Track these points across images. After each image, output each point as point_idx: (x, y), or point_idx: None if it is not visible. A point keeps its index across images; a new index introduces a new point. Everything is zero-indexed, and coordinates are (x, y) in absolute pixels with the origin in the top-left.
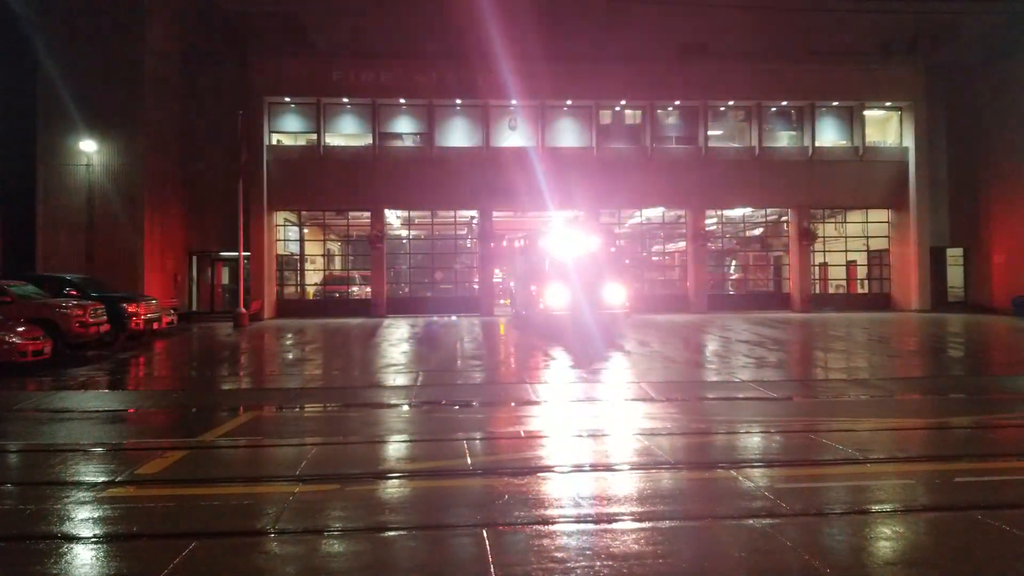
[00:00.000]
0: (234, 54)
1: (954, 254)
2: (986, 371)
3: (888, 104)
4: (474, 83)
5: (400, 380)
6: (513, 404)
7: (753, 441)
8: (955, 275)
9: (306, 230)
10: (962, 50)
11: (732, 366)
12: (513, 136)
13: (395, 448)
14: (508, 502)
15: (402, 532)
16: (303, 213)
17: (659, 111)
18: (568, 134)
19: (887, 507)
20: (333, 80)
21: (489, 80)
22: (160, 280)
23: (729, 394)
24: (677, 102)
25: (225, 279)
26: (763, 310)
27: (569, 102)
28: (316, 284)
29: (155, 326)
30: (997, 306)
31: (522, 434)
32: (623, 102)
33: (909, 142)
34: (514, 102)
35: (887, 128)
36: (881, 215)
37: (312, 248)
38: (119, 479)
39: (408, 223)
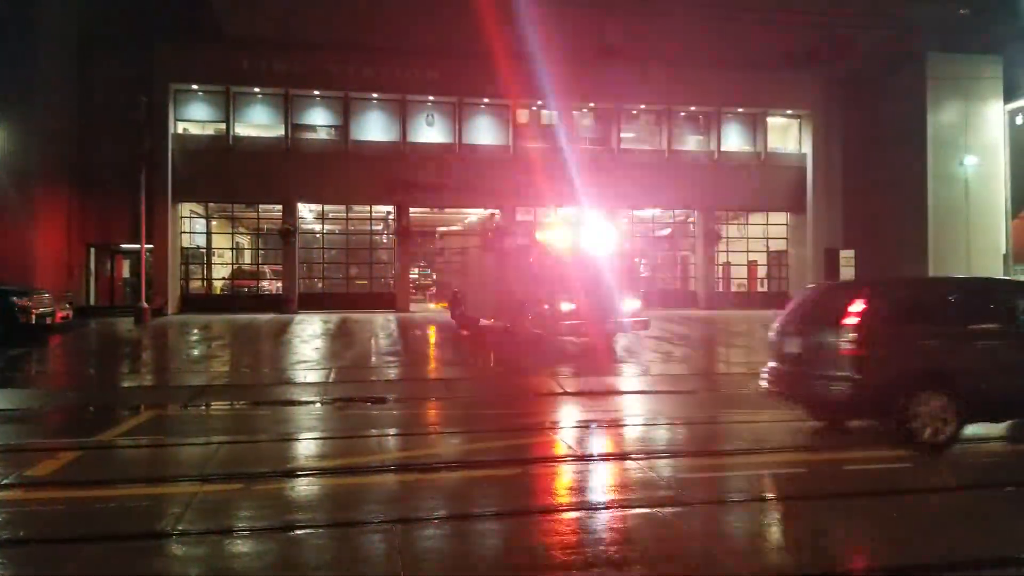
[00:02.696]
0: (138, 39)
1: (847, 255)
2: None
3: (789, 112)
4: (392, 77)
5: (312, 377)
6: (429, 400)
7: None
8: (847, 275)
9: (214, 222)
10: (858, 62)
11: (642, 361)
12: (431, 132)
13: (305, 446)
14: (420, 498)
15: (309, 531)
16: (211, 205)
17: (574, 112)
18: (486, 132)
19: (780, 494)
20: (244, 68)
21: (407, 75)
22: (55, 273)
23: (638, 388)
24: (592, 104)
25: (126, 272)
26: (671, 308)
27: (487, 100)
28: (224, 279)
29: (49, 321)
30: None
31: (437, 430)
32: (539, 102)
33: (807, 149)
34: (432, 98)
35: (787, 135)
36: (781, 218)
37: (220, 241)
38: (5, 482)
39: (322, 217)
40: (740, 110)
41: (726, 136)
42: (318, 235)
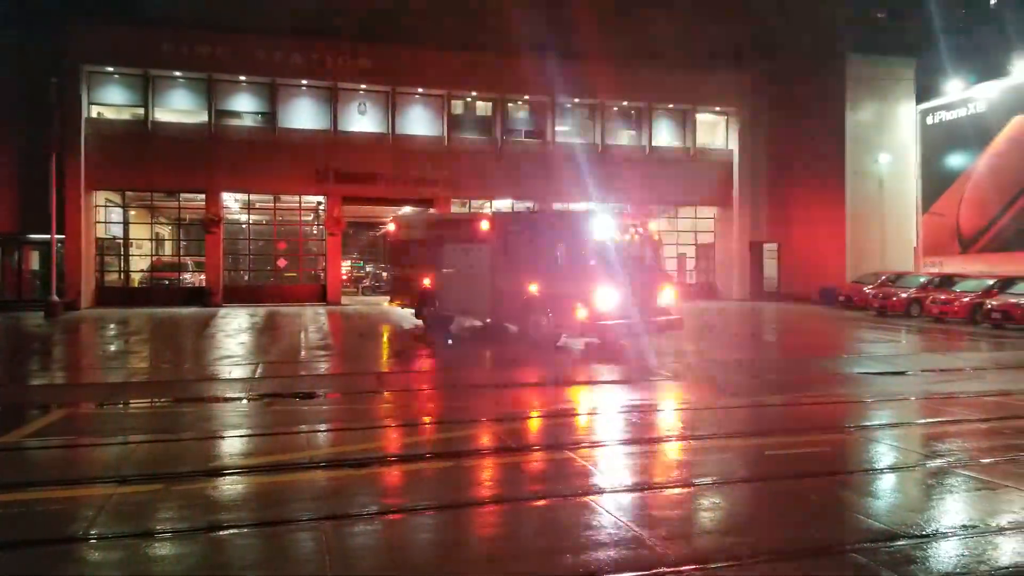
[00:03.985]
0: (48, 16)
1: (770, 248)
2: (798, 354)
3: (717, 109)
4: (323, 64)
5: (237, 373)
6: (360, 394)
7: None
8: (771, 267)
9: (132, 212)
10: (782, 63)
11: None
12: (363, 121)
13: (230, 444)
14: (350, 494)
15: (234, 531)
16: (128, 194)
17: (509, 104)
18: (420, 122)
19: (708, 479)
20: (164, 51)
21: (339, 62)
22: None
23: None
24: (526, 96)
25: (35, 264)
26: None
27: (420, 90)
28: (143, 271)
29: None
30: (806, 296)
31: (370, 425)
32: (474, 93)
33: (734, 145)
34: (364, 86)
35: (715, 131)
36: (709, 211)
37: (139, 232)
38: None
39: (248, 207)
40: (671, 106)
41: (657, 132)
42: (244, 225)
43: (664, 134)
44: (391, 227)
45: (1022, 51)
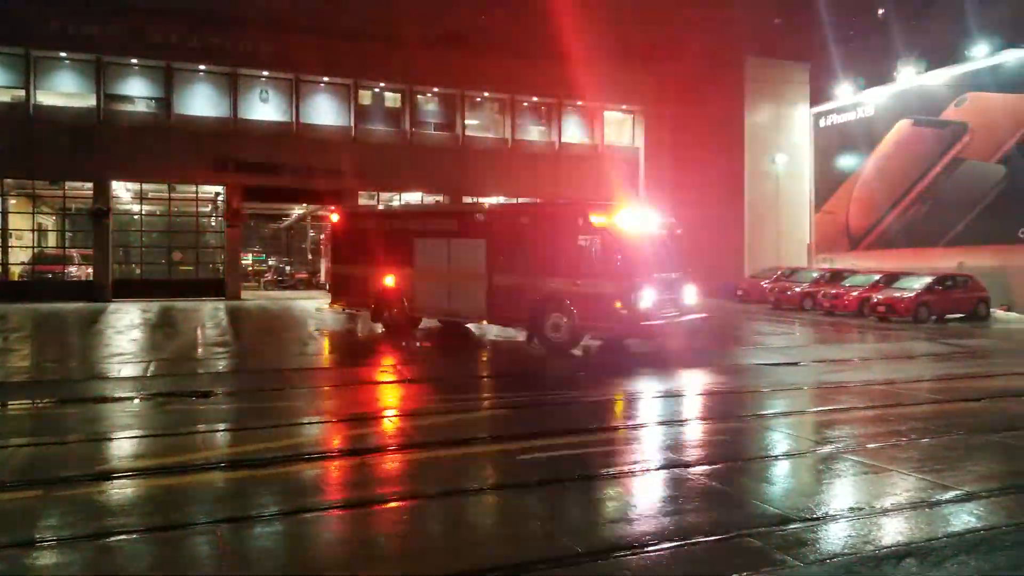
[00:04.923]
0: None
1: None
2: (697, 346)
3: (624, 107)
4: (221, 48)
5: (128, 371)
6: (262, 392)
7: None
8: None
9: (11, 201)
10: (686, 64)
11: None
12: (266, 109)
13: (119, 446)
14: (247, 495)
15: (122, 537)
16: (7, 181)
17: (419, 96)
18: (326, 112)
19: (612, 469)
20: (48, 30)
21: (239, 47)
22: None
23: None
24: (436, 89)
25: None
26: None
27: (327, 79)
28: (23, 263)
29: None
30: (707, 291)
31: (271, 424)
32: (382, 84)
33: (640, 143)
34: (266, 73)
35: (623, 129)
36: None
37: (18, 222)
38: None
39: (140, 197)
40: (580, 103)
41: (567, 128)
42: (136, 216)
43: (573, 130)
44: (335, 219)
45: (907, 59)
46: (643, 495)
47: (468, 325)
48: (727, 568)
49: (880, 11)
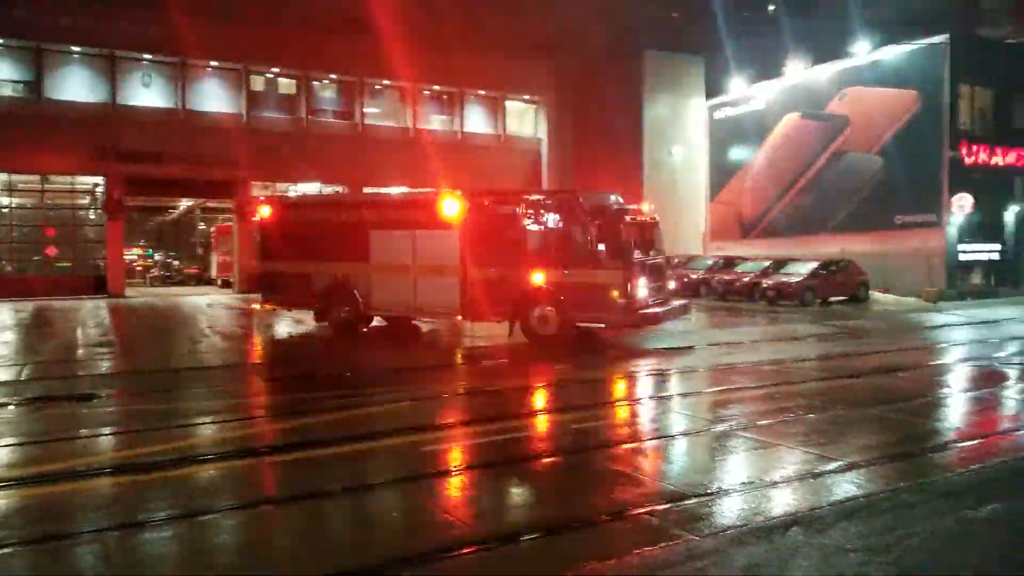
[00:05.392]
0: None
1: None
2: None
3: (526, 97)
4: (97, 29)
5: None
6: (144, 394)
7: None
8: None
9: None
10: (587, 55)
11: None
12: (149, 94)
13: None
14: (131, 501)
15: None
16: None
17: (315, 83)
18: (215, 98)
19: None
20: None
21: (118, 28)
22: None
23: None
24: (333, 75)
25: None
26: None
27: (215, 63)
28: None
29: None
30: None
31: (159, 425)
32: (276, 70)
33: (543, 133)
34: (149, 56)
35: (524, 119)
36: None
37: None
38: None
39: (9, 188)
40: (482, 92)
41: (469, 118)
42: (4, 209)
43: (476, 120)
44: (265, 211)
45: (795, 55)
46: (548, 479)
47: (415, 322)
48: (628, 545)
49: (770, 7)
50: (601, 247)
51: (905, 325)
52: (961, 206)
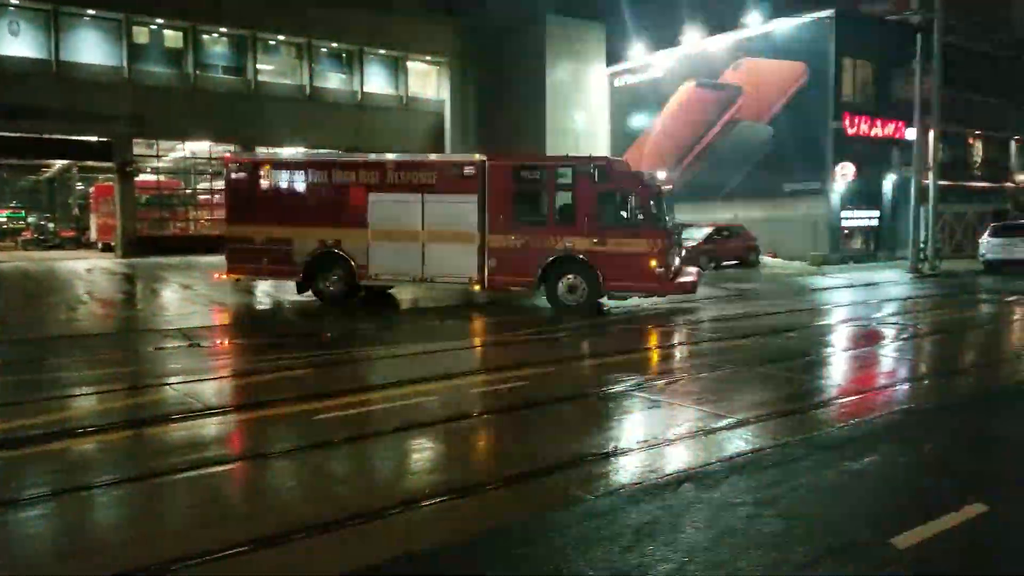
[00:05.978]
0: None
1: None
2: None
3: (428, 58)
4: None
5: None
6: (13, 364)
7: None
8: None
9: None
10: (490, 17)
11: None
12: (17, 44)
13: None
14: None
15: None
16: None
17: (204, 36)
18: (94, 49)
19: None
20: None
21: None
22: None
23: None
24: (223, 29)
25: None
26: None
27: (92, 11)
28: None
29: None
30: None
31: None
32: (160, 20)
33: (445, 95)
34: (16, 1)
35: (427, 81)
36: None
37: None
38: None
39: None
40: (382, 52)
41: (369, 77)
42: None
43: (376, 80)
44: (237, 172)
45: (692, 24)
46: (444, 446)
47: (391, 291)
48: (529, 507)
49: None
50: (638, 215)
51: (792, 288)
52: (844, 175)
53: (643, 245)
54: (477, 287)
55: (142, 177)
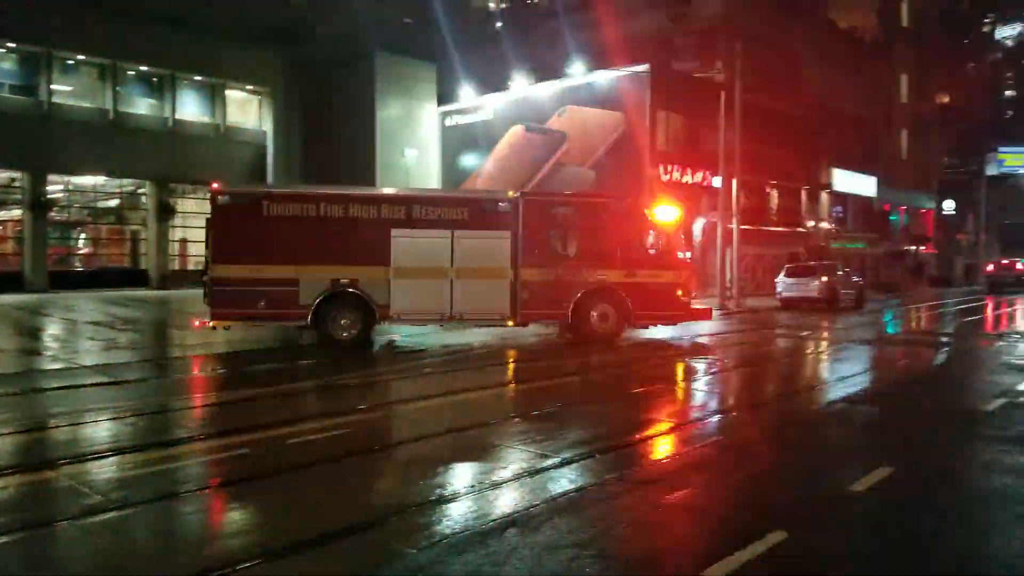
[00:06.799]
0: None
1: None
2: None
3: (250, 88)
4: None
5: None
6: None
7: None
8: None
9: None
10: (318, 51)
11: (77, 351)
12: None
13: None
14: None
15: None
16: None
17: None
18: None
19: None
20: None
21: None
22: None
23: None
24: (12, 44)
25: None
26: (117, 288)
27: None
28: None
29: None
30: None
31: None
32: None
33: (268, 126)
34: None
35: (248, 110)
36: None
37: None
38: None
39: None
40: (198, 78)
41: (182, 104)
42: None
43: (191, 107)
44: (226, 205)
45: (520, 70)
46: (245, 507)
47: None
48: (356, 566)
49: (498, 24)
50: (673, 249)
51: None
52: None
53: (672, 277)
54: (510, 323)
55: None
